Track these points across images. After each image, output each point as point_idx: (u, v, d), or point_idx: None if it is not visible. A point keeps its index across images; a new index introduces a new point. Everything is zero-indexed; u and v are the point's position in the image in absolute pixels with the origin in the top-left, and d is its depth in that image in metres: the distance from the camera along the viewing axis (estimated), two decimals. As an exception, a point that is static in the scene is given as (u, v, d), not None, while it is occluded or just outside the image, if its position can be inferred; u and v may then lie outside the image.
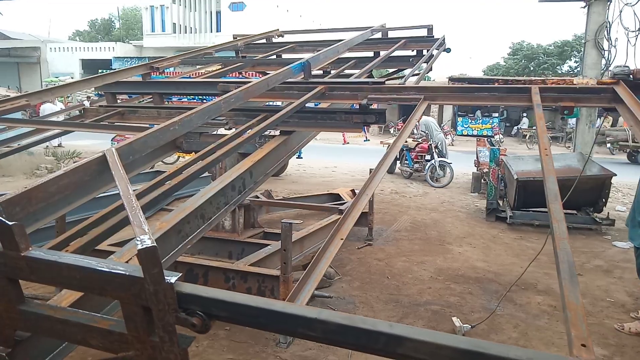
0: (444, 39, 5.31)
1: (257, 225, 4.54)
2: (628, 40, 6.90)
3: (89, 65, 29.16)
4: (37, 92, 3.11)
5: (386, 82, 3.44)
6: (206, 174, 6.39)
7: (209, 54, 4.89)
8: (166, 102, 4.48)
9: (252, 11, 26.84)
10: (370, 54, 5.61)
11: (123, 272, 1.26)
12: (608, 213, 6.19)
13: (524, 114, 23.83)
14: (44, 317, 1.42)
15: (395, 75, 5.53)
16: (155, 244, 1.22)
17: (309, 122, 3.50)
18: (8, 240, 1.31)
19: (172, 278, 1.22)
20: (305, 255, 4.19)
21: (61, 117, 5.52)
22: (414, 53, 5.41)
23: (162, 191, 2.08)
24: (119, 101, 4.09)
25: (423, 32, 5.65)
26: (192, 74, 5.97)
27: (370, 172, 5.35)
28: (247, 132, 2.82)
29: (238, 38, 5.70)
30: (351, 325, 1.10)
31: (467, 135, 22.08)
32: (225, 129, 4.54)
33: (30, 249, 1.33)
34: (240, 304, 1.21)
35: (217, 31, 28.10)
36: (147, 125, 3.87)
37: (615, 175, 5.95)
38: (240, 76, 6.47)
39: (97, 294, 1.66)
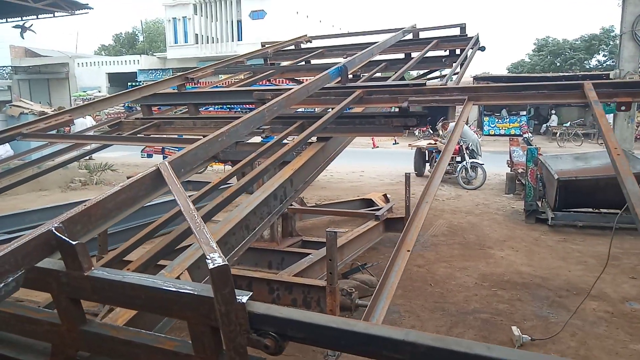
0: (478, 37, 5.17)
1: (295, 234, 4.47)
2: (670, 30, 6.61)
3: (115, 79, 29.82)
4: (79, 107, 3.13)
5: (427, 84, 3.34)
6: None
7: (240, 63, 4.88)
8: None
9: (272, 18, 27.00)
10: (400, 55, 5.53)
11: (191, 292, 1.20)
12: (657, 212, 5.91)
13: (553, 111, 23.22)
14: (106, 337, 1.38)
15: (429, 76, 5.41)
16: (227, 263, 1.16)
17: (346, 127, 3.43)
18: (71, 259, 1.27)
19: (243, 297, 1.16)
20: (345, 263, 4.10)
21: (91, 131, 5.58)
22: (447, 53, 5.29)
23: (215, 204, 2.03)
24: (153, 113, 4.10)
25: (454, 32, 5.53)
26: (223, 83, 5.99)
27: (406, 175, 5.23)
28: (290, 139, 2.77)
29: (267, 45, 5.68)
30: (444, 347, 1.02)
31: (495, 135, 21.67)
32: (262, 137, 4.50)
33: (92, 268, 1.29)
34: (319, 325, 1.14)
35: (239, 40, 28.36)
36: (188, 137, 3.87)
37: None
38: (269, 83, 6.44)
39: (163, 315, 1.62)
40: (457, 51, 5.22)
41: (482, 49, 5.15)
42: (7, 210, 5.58)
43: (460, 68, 4.19)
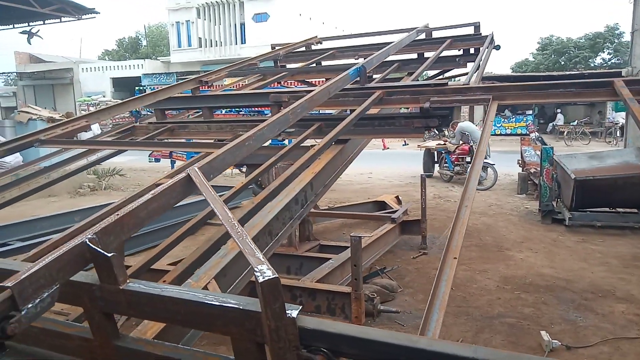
0: (493, 35, 5.09)
1: (313, 238, 4.41)
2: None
3: (119, 83, 29.86)
4: (95, 112, 3.07)
5: (449, 84, 3.27)
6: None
7: (253, 65, 4.82)
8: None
9: (275, 21, 27.00)
10: (413, 55, 5.45)
11: (237, 306, 1.13)
12: (677, 211, 5.83)
13: (558, 110, 23.08)
14: (141, 353, 1.31)
15: (443, 76, 5.33)
16: (277, 276, 1.09)
17: (366, 129, 3.37)
18: (106, 272, 1.21)
19: (293, 312, 1.09)
20: (364, 267, 4.02)
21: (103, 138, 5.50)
22: (460, 52, 5.22)
23: (248, 210, 1.96)
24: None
25: (468, 31, 5.46)
26: (234, 86, 5.93)
27: (422, 177, 5.15)
28: (315, 141, 2.71)
29: (277, 47, 5.62)
30: (519, 366, 0.94)
31: (501, 134, 21.53)
32: (279, 140, 4.42)
33: (128, 281, 1.23)
34: (377, 341, 1.06)
35: (242, 43, 28.38)
36: (204, 141, 3.80)
37: (684, 170, 5.59)
38: (279, 86, 6.38)
39: (204, 330, 1.54)
40: (472, 50, 5.15)
41: (497, 47, 5.07)
42: (17, 216, 5.52)
43: (479, 67, 4.11)
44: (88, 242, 1.24)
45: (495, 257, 4.92)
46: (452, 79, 5.73)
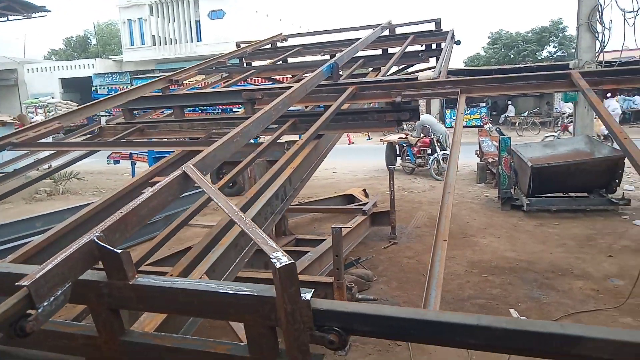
0: (454, 31, 5.30)
1: (289, 233, 4.46)
2: (625, 20, 6.98)
3: (69, 84, 28.69)
4: (67, 113, 3.00)
5: (419, 78, 3.40)
6: (194, 190, 6.22)
7: (222, 63, 4.81)
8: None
9: (231, 18, 26.69)
10: (377, 51, 5.59)
11: (251, 293, 1.19)
12: (623, 193, 6.26)
13: (509, 102, 24.07)
14: (150, 346, 1.35)
15: (406, 71, 5.49)
16: (293, 261, 1.16)
17: (339, 124, 3.45)
18: (115, 269, 1.24)
19: (307, 295, 1.16)
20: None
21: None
22: (423, 48, 5.40)
23: (243, 203, 2.01)
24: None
25: (429, 27, 5.64)
26: (201, 84, 5.88)
27: (389, 170, 5.28)
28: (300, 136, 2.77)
29: (244, 45, 5.62)
30: (519, 329, 1.04)
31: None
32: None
33: (136, 276, 1.26)
34: (387, 317, 1.14)
35: (198, 40, 27.90)
36: (175, 140, 3.78)
37: (628, 155, 6.00)
38: (245, 83, 6.37)
39: (217, 318, 1.59)
40: (433, 46, 5.34)
41: (458, 42, 5.28)
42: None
43: (444, 62, 4.28)
44: (97, 240, 1.27)
45: (462, 243, 5.15)
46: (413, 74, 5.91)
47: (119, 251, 1.23)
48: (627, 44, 8.27)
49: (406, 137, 10.42)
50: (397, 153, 10.84)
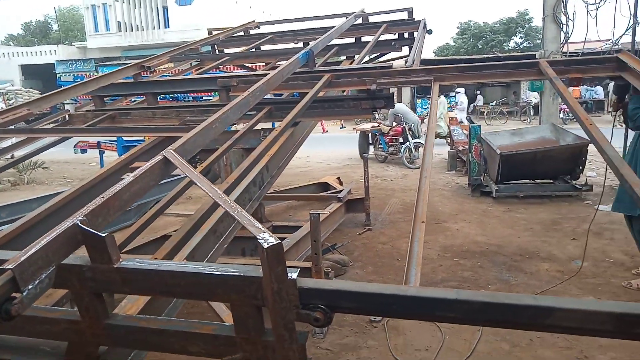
0: (425, 20, 5.37)
1: (265, 220, 4.48)
2: (588, 12, 7.23)
3: (29, 71, 27.60)
4: (37, 99, 2.92)
5: (393, 66, 3.45)
6: (167, 179, 6.19)
7: (195, 50, 4.74)
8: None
9: (200, 4, 26.13)
10: (350, 40, 5.61)
11: (238, 274, 1.21)
12: (586, 179, 6.53)
13: (478, 92, 24.54)
14: (135, 329, 1.36)
15: (381, 60, 5.54)
16: (280, 241, 1.18)
17: (315, 111, 3.47)
18: (99, 253, 1.24)
19: (293, 274, 1.19)
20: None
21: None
22: (396, 37, 5.45)
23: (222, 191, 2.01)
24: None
25: (402, 16, 5.70)
26: (172, 72, 5.78)
27: (364, 158, 5.34)
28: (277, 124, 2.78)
29: (216, 32, 5.54)
30: (495, 302, 1.10)
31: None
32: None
33: (120, 260, 1.27)
34: (371, 293, 1.18)
35: (166, 27, 27.25)
36: (148, 126, 3.72)
37: (591, 142, 6.25)
38: (218, 71, 6.30)
39: (204, 299, 1.59)
40: (406, 35, 5.40)
41: (430, 32, 5.35)
42: None
43: (418, 50, 4.33)
44: (80, 224, 1.26)
45: (434, 229, 5.28)
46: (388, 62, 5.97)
47: (103, 234, 1.23)
48: (590, 35, 8.55)
49: (379, 126, 10.53)
50: (370, 142, 10.96)
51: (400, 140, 10.02)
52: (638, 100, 3.44)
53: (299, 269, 1.19)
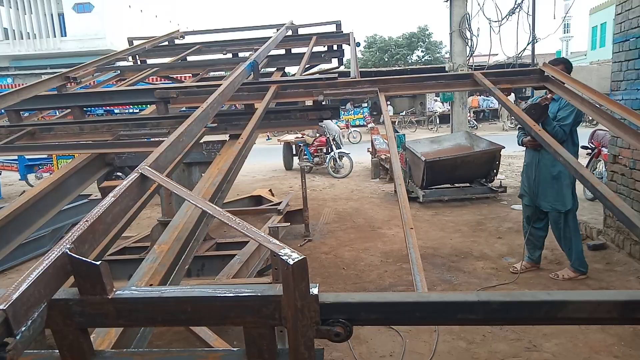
0: (353, 33, 5.53)
1: (209, 237, 4.28)
2: (491, 28, 7.93)
3: None
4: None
5: (338, 77, 3.50)
6: (86, 199, 5.81)
7: (121, 59, 4.45)
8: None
9: (101, 12, 24.67)
10: (280, 51, 5.62)
11: (255, 294, 1.16)
12: (500, 182, 7.09)
13: (388, 102, 25.77)
14: (131, 368, 1.24)
15: (310, 72, 5.60)
16: (304, 256, 1.14)
17: (263, 122, 3.41)
18: (91, 283, 1.13)
19: (314, 289, 1.16)
20: (262, 259, 4.06)
21: None
22: (325, 49, 5.56)
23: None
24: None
25: (330, 29, 5.83)
26: (90, 83, 5.36)
27: (302, 169, 5.33)
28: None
29: (140, 42, 5.25)
30: (513, 300, 1.15)
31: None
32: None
33: (114, 290, 1.16)
34: (393, 303, 1.18)
35: (62, 35, 25.37)
36: (80, 143, 3.42)
37: (504, 147, 6.84)
38: (141, 82, 5.96)
39: (213, 324, 1.48)
40: (334, 47, 5.53)
41: (358, 44, 5.53)
42: None
43: (354, 62, 4.45)
44: (69, 253, 1.13)
45: (371, 236, 5.41)
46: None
47: (97, 263, 1.11)
48: (494, 49, 9.39)
49: (303, 137, 10.61)
50: (294, 153, 11.01)
51: (325, 150, 10.18)
52: (550, 121, 3.77)
53: (317, 285, 1.16)
